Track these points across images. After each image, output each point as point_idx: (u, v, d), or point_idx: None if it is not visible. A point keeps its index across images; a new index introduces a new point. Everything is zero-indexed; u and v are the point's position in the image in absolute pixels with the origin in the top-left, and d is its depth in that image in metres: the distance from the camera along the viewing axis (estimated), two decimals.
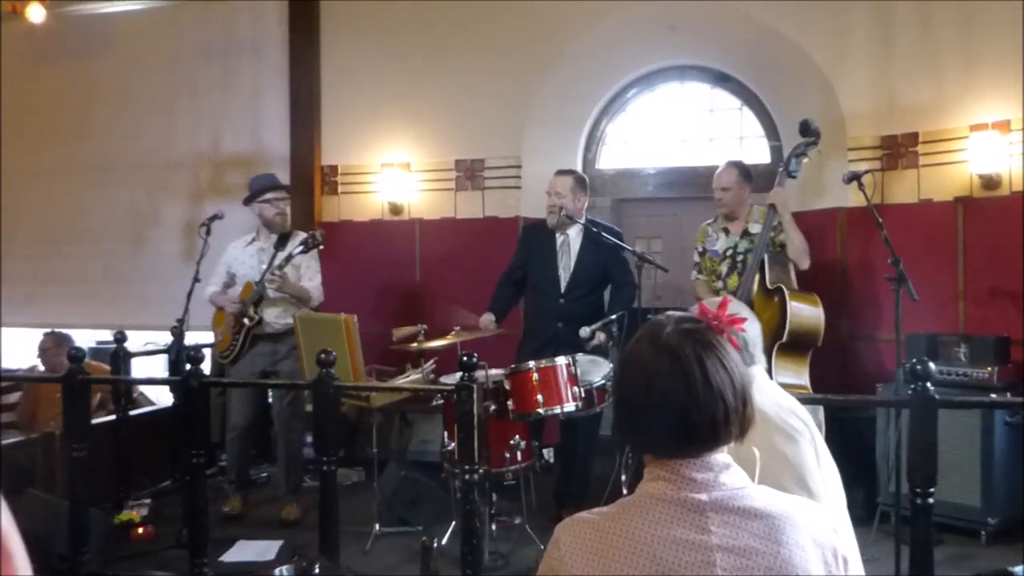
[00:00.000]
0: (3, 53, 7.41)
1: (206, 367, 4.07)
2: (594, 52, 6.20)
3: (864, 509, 4.49)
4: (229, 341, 4.96)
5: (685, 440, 1.33)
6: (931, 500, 3.00)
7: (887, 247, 4.04)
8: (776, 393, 2.03)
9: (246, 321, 4.89)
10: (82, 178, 7.27)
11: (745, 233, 4.80)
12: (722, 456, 1.37)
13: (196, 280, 4.87)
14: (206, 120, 6.96)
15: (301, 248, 4.85)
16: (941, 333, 4.89)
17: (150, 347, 6.39)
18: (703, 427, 1.32)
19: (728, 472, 1.35)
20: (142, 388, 6.14)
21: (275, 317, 4.98)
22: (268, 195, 5.06)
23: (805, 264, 4.63)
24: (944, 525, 4.28)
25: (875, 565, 3.94)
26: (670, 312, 1.46)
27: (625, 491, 3.77)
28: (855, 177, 4.36)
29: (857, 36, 5.58)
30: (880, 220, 4.12)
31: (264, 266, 4.93)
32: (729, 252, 4.82)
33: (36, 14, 6.07)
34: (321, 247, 4.97)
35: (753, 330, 2.03)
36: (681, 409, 1.32)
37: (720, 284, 4.81)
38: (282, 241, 5.06)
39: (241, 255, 5.08)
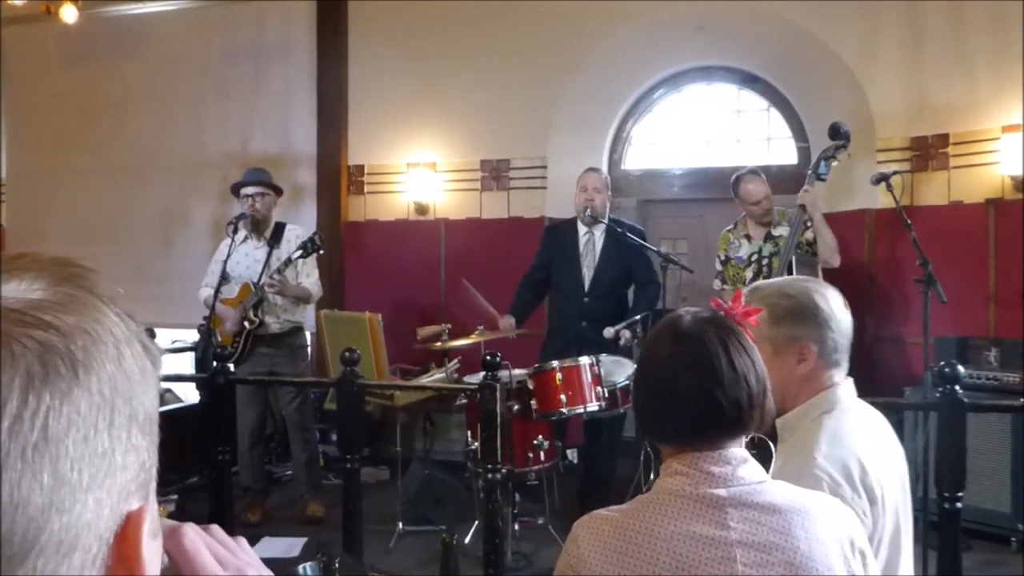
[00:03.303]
0: (36, 54, 7.53)
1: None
2: (621, 53, 6.19)
3: None
4: (230, 342, 4.89)
5: (712, 424, 1.35)
6: (959, 505, 2.96)
7: (916, 249, 3.99)
8: (859, 452, 1.70)
9: (247, 324, 4.85)
10: (113, 178, 7.36)
11: (768, 237, 4.78)
12: (739, 450, 1.38)
13: (223, 279, 4.90)
14: (235, 121, 7.02)
15: (300, 253, 4.82)
16: (971, 336, 4.83)
17: (178, 345, 6.46)
18: (729, 410, 1.34)
19: (746, 466, 1.36)
20: (169, 385, 6.21)
21: (275, 318, 4.95)
22: (242, 190, 5.02)
23: (836, 262, 4.62)
24: (973, 531, 4.22)
25: None
26: (683, 308, 1.48)
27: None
28: (884, 178, 4.32)
29: (887, 36, 5.52)
30: (909, 221, 4.08)
31: (259, 264, 4.89)
32: (754, 257, 4.80)
33: (69, 14, 6.14)
34: (321, 252, 4.92)
35: None
36: (708, 392, 1.34)
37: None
38: (275, 237, 5.00)
39: (235, 254, 4.97)
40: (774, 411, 1.45)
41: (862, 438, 1.74)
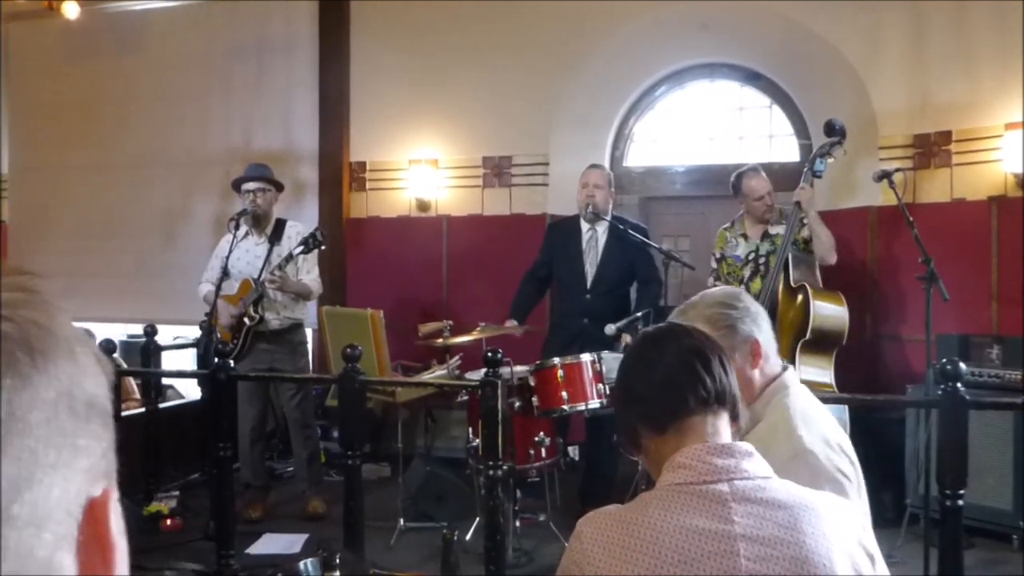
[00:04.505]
0: (39, 50, 7.53)
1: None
2: (623, 49, 6.18)
3: (893, 511, 4.44)
4: (229, 339, 4.87)
5: (692, 389, 1.41)
6: (961, 503, 2.96)
7: (918, 246, 3.99)
8: (823, 425, 1.85)
9: (247, 320, 4.84)
10: (116, 174, 7.36)
11: (765, 235, 4.79)
12: (744, 443, 1.39)
13: (225, 275, 4.90)
14: (238, 117, 7.02)
15: (302, 249, 4.79)
16: (973, 334, 4.82)
17: (180, 341, 6.47)
18: (718, 374, 1.42)
19: (751, 459, 1.36)
20: (171, 381, 6.22)
21: (275, 315, 4.94)
22: (244, 186, 5.01)
23: (832, 259, 4.61)
24: (975, 529, 4.22)
25: (903, 568, 3.90)
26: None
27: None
28: (886, 175, 4.33)
29: (890, 33, 5.51)
30: (911, 219, 4.08)
31: (260, 260, 4.88)
32: (751, 256, 4.81)
33: (71, 10, 6.14)
34: (323, 247, 4.90)
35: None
36: (699, 353, 1.44)
37: (742, 289, 4.78)
38: (276, 233, 4.98)
39: (236, 250, 4.96)
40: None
41: (822, 418, 1.87)
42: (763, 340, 1.91)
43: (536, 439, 4.11)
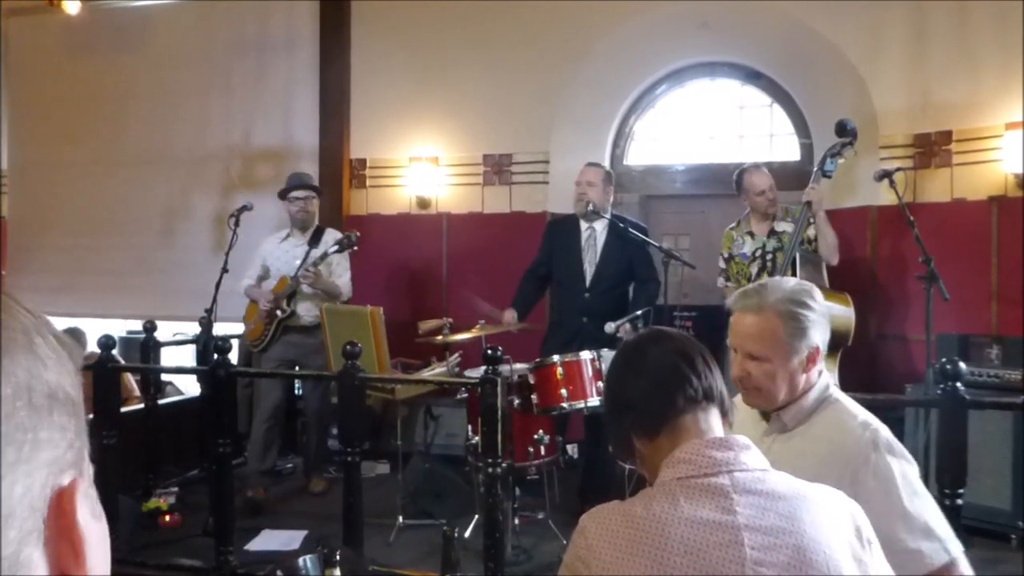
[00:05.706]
0: (39, 46, 7.52)
1: (232, 357, 4.14)
2: (624, 48, 6.18)
3: None
4: (261, 331, 5.17)
5: (682, 389, 1.43)
6: (960, 502, 2.96)
7: (918, 246, 3.99)
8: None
9: (279, 313, 5.12)
10: (116, 171, 7.35)
11: (772, 232, 4.79)
12: (742, 436, 1.41)
13: (224, 271, 4.93)
14: (238, 114, 7.01)
15: (336, 248, 5.10)
16: (973, 334, 4.83)
17: (179, 337, 6.46)
18: (703, 371, 1.45)
19: (748, 452, 1.39)
20: (171, 377, 6.21)
21: (307, 310, 5.20)
22: (292, 194, 5.32)
23: (835, 260, 4.62)
24: (973, 528, 4.21)
25: None
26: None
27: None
28: (886, 175, 4.33)
29: (891, 33, 5.51)
30: (911, 219, 4.08)
31: (298, 261, 5.15)
32: (758, 253, 4.81)
33: (72, 7, 6.13)
34: (355, 248, 5.20)
35: None
36: (674, 355, 1.46)
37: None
38: (315, 237, 5.30)
39: (276, 250, 5.33)
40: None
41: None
42: (822, 348, 1.95)
43: (535, 437, 4.11)
